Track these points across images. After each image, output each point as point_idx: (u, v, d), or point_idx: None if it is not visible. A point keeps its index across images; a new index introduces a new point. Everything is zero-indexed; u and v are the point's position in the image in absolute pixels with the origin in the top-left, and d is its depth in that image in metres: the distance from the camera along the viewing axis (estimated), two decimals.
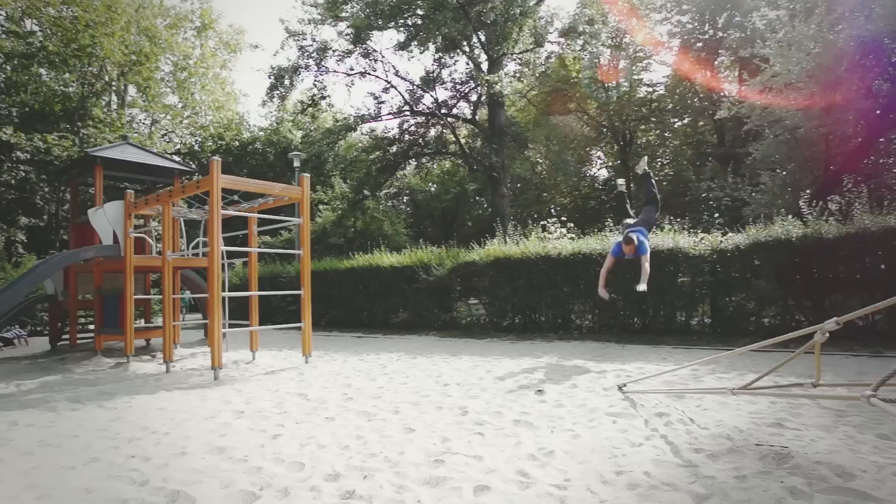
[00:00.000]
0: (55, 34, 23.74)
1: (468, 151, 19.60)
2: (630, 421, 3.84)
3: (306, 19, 18.95)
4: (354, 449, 3.31)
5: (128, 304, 7.72)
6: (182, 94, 29.55)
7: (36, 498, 2.63)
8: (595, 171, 26.82)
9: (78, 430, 3.94)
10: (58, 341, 10.66)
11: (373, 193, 20.11)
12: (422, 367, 6.52)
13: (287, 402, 4.68)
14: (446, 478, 2.85)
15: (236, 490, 2.71)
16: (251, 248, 7.31)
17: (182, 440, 3.59)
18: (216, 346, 5.94)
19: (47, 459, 3.24)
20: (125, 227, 7.82)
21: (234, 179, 6.22)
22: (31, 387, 6.08)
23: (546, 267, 9.12)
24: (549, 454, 3.18)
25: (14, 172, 22.26)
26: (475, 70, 18.30)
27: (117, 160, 8.96)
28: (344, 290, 11.93)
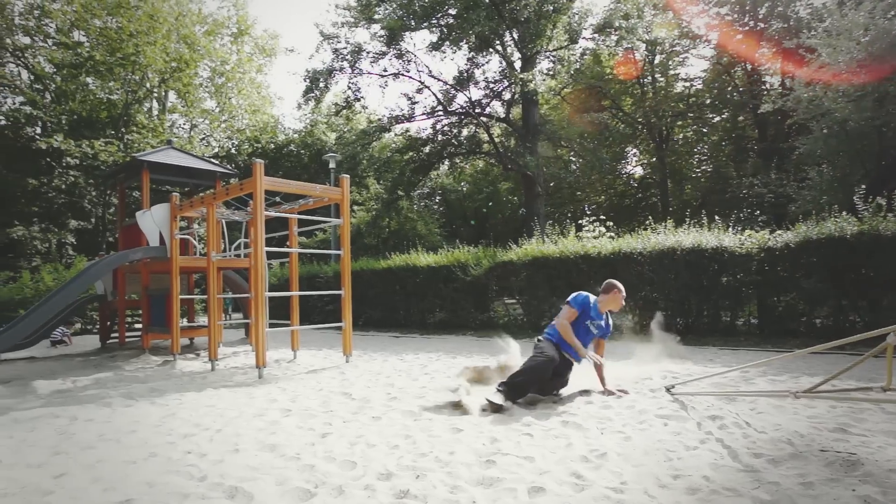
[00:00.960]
0: (101, 44, 24.63)
1: (502, 150, 19.51)
2: (682, 423, 3.75)
3: (340, 22, 19.18)
4: (404, 448, 3.32)
5: (174, 303, 7.94)
6: (219, 98, 30.32)
7: (103, 490, 2.72)
8: (631, 168, 26.38)
9: (134, 426, 4.06)
10: (107, 339, 11.06)
11: (407, 194, 20.21)
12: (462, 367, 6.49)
13: (332, 401, 4.73)
14: (499, 478, 2.82)
15: (292, 487, 2.74)
16: (293, 248, 7.41)
17: (234, 437, 3.66)
18: (261, 345, 6.05)
19: (109, 454, 3.34)
20: (171, 228, 8.05)
21: (276, 181, 6.33)
22: (85, 383, 6.31)
23: (586, 266, 9.01)
24: (601, 456, 3.12)
25: (64, 178, 23.18)
26: (508, 68, 18.20)
27: (162, 164, 9.23)
28: (381, 290, 12.02)
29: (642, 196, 25.79)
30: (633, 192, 26.21)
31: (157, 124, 26.13)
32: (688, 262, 8.18)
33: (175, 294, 7.85)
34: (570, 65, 17.20)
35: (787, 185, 13.17)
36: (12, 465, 3.17)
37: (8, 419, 4.43)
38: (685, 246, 8.23)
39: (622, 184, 25.98)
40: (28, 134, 23.98)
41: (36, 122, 24.46)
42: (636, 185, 26.34)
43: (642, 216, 24.15)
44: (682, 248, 8.25)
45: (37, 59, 26.20)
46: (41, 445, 3.59)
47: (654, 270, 8.52)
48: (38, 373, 7.34)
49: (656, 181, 23.43)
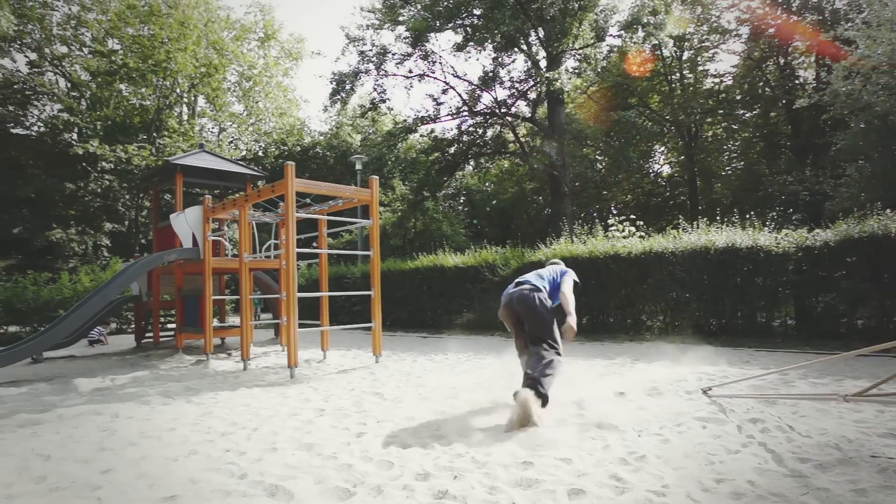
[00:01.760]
0: (134, 51, 25.28)
1: (527, 150, 19.41)
2: (721, 426, 3.66)
3: (365, 24, 19.33)
4: (440, 449, 3.31)
5: (207, 304, 8.08)
6: (247, 102, 30.84)
7: (148, 487, 2.78)
8: (658, 167, 25.96)
9: (173, 424, 4.14)
10: (142, 339, 11.33)
11: (432, 194, 20.25)
12: (493, 368, 6.48)
13: (365, 401, 4.75)
14: (538, 480, 2.80)
15: (331, 486, 2.75)
16: (322, 249, 7.49)
17: (271, 436, 3.70)
18: (292, 345, 6.12)
19: (151, 451, 3.42)
20: (204, 230, 8.20)
21: (307, 183, 6.40)
22: (123, 381, 6.47)
23: (615, 266, 8.89)
24: (640, 459, 3.07)
25: (100, 181, 23.85)
26: (533, 67, 18.08)
27: (195, 167, 9.41)
28: (408, 291, 12.06)
29: (670, 195, 25.36)
30: (660, 190, 25.80)
31: (188, 128, 26.71)
32: (721, 262, 8.01)
33: (208, 295, 8.00)
34: (597, 63, 17.01)
35: (823, 182, 12.79)
36: (61, 460, 3.27)
37: (53, 416, 4.57)
38: (718, 245, 8.06)
39: (649, 182, 25.60)
40: (65, 140, 24.75)
41: (72, 129, 25.24)
42: (664, 183, 25.91)
43: (670, 215, 23.78)
44: (715, 247, 8.08)
45: (73, 68, 27.03)
46: (86, 441, 3.69)
47: (685, 270, 8.37)
48: (79, 371, 7.56)
49: (685, 179, 23.02)
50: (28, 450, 3.52)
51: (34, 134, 26.27)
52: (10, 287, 13.10)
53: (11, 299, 12.73)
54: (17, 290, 13.01)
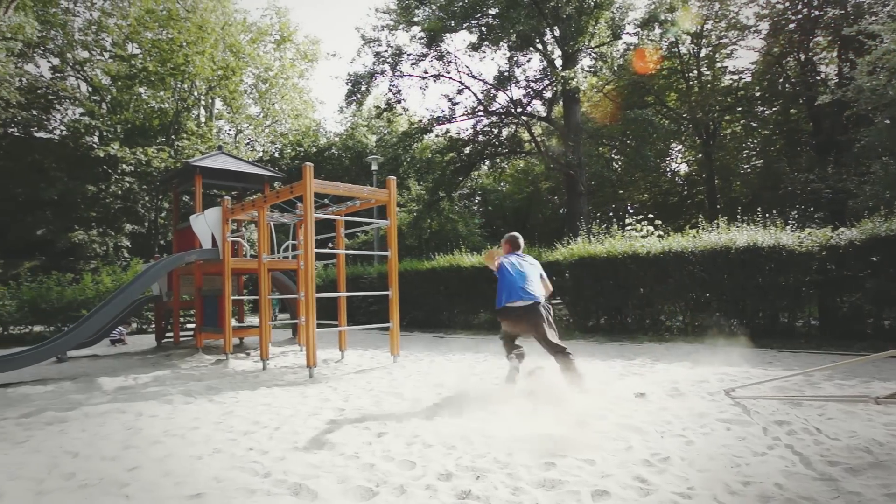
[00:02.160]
0: (153, 55, 25.66)
1: (543, 149, 19.31)
2: (746, 428, 3.61)
3: (380, 26, 19.37)
4: (461, 449, 3.31)
5: (226, 304, 8.16)
6: (263, 104, 31.12)
7: (174, 484, 2.81)
8: (676, 165, 25.68)
9: (196, 423, 4.19)
10: (162, 339, 11.48)
11: (448, 194, 20.24)
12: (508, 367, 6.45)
13: (384, 401, 4.77)
14: (561, 481, 2.79)
15: (354, 486, 2.76)
16: (340, 250, 7.52)
17: (292, 435, 3.73)
18: (311, 345, 6.16)
19: (176, 449, 3.46)
20: (223, 231, 8.28)
21: (325, 184, 6.43)
22: (146, 380, 6.56)
23: (634, 266, 8.81)
24: (664, 460, 3.04)
25: (120, 184, 24.23)
26: (549, 66, 18.00)
27: (214, 169, 9.51)
28: (424, 291, 12.06)
29: (688, 193, 25.07)
30: (678, 189, 25.52)
31: (206, 131, 27.04)
32: (743, 262, 7.90)
33: (227, 295, 8.08)
34: (613, 61, 16.87)
35: (846, 180, 12.54)
36: (89, 457, 3.32)
37: (79, 413, 4.65)
38: (739, 245, 7.95)
39: (667, 181, 25.32)
40: (87, 143, 25.20)
41: (94, 132, 25.69)
42: (681, 182, 25.63)
43: (688, 214, 23.50)
44: (736, 246, 7.97)
45: (94, 72, 27.53)
46: (112, 439, 3.75)
47: (705, 270, 8.26)
48: (102, 370, 7.68)
49: (702, 178, 22.74)
50: (56, 447, 3.59)
51: (57, 137, 26.79)
52: (35, 287, 13.36)
53: (36, 299, 12.98)
54: (41, 290, 13.26)
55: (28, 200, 24.92)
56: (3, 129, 24.11)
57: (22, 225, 25.51)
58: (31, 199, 24.73)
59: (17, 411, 4.87)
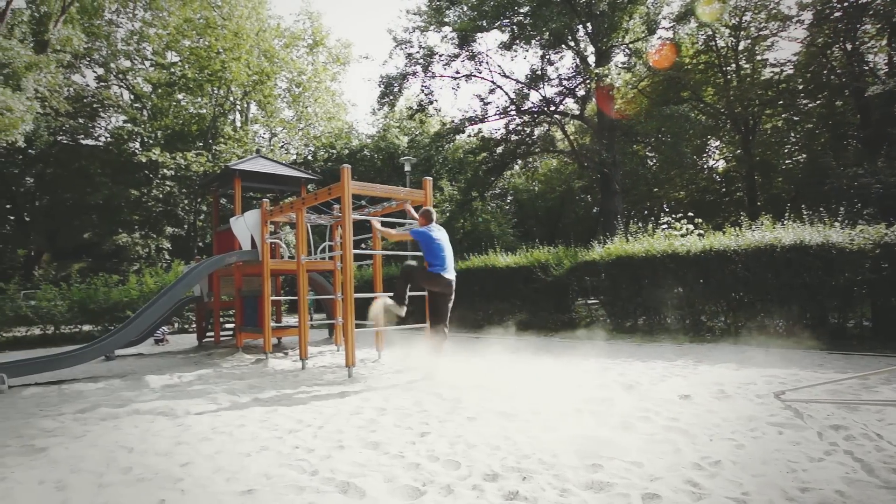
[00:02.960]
0: (192, 63, 26.42)
1: (576, 148, 19.10)
2: (800, 433, 3.49)
3: (411, 27, 19.48)
4: (506, 449, 3.29)
5: (265, 304, 8.32)
6: (297, 108, 31.66)
7: (226, 480, 2.88)
8: (713, 162, 25.05)
9: (241, 420, 4.27)
10: (203, 338, 11.79)
11: (480, 194, 20.20)
12: (549, 369, 6.40)
13: (424, 401, 4.78)
14: (609, 483, 2.75)
15: (401, 485, 2.78)
16: (377, 250, 7.58)
17: (336, 434, 3.77)
18: (350, 345, 6.22)
19: (225, 446, 3.54)
20: (262, 233, 8.45)
21: (363, 185, 6.49)
22: (190, 379, 6.74)
23: (674, 265, 8.62)
24: (715, 464, 2.97)
25: (161, 188, 25.00)
26: (582, 64, 17.79)
27: (253, 172, 9.72)
28: (459, 291, 11.98)
29: (726, 191, 24.43)
30: (715, 186, 24.90)
31: (242, 135, 27.67)
32: (789, 261, 7.63)
33: (266, 295, 8.24)
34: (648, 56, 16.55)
35: None
36: (143, 453, 3.43)
37: (130, 410, 4.80)
38: (785, 243, 7.68)
39: (704, 178, 24.72)
40: (129, 149, 26.12)
41: (136, 138, 26.61)
42: (719, 179, 24.99)
43: (726, 212, 22.90)
44: (781, 245, 7.71)
45: (136, 80, 28.52)
46: (164, 436, 3.86)
47: (749, 269, 8.02)
48: (148, 368, 7.93)
49: (742, 174, 22.11)
50: (112, 442, 3.71)
51: (102, 144, 27.87)
52: (83, 288, 13.89)
53: (85, 300, 13.50)
54: (90, 291, 13.78)
55: (76, 205, 26.02)
56: (53, 137, 25.17)
57: (70, 228, 26.64)
58: (79, 204, 25.80)
59: (73, 407, 5.07)
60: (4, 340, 12.87)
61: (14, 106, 13.74)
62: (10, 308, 12.72)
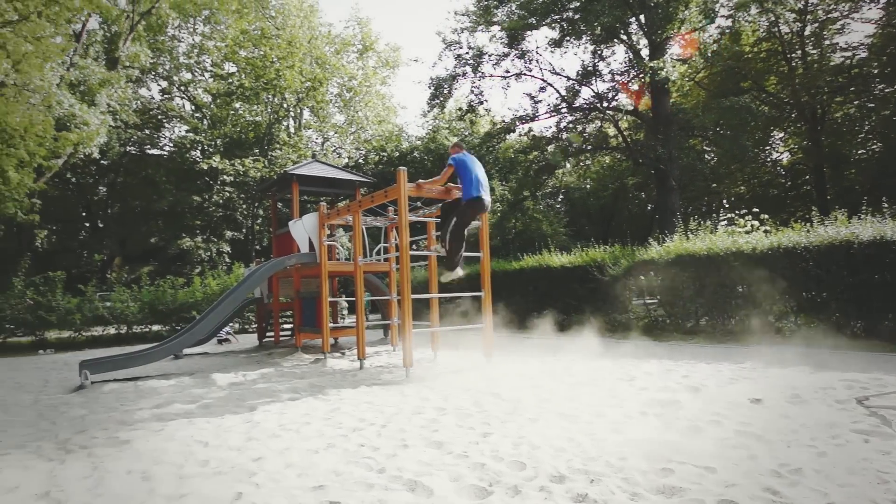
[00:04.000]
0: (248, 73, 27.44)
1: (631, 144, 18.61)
2: (889, 441, 3.27)
3: (459, 28, 19.51)
4: (571, 451, 3.24)
5: (323, 305, 8.53)
6: (348, 112, 32.31)
7: (297, 476, 2.96)
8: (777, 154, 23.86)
9: (306, 418, 4.39)
10: (263, 338, 12.19)
11: (532, 194, 20.01)
12: (608, 370, 6.26)
13: (483, 402, 4.76)
14: (681, 488, 2.65)
15: (467, 484, 2.78)
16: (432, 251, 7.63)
17: (399, 433, 3.81)
18: (408, 345, 6.29)
19: (293, 442, 3.65)
20: (320, 236, 8.66)
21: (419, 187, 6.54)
22: (254, 377, 6.98)
23: (738, 264, 8.26)
24: (795, 472, 2.82)
25: (221, 194, 26.07)
26: (635, 58, 17.33)
27: (310, 176, 9.98)
28: (513, 291, 11.99)
29: (792, 184, 23.22)
30: (780, 180, 23.70)
31: (297, 140, 28.50)
32: (867, 257, 7.17)
33: (324, 296, 8.44)
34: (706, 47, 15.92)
35: None
36: (218, 447, 3.58)
37: (202, 406, 5.03)
38: (863, 239, 7.23)
39: (767, 172, 23.58)
40: (191, 157, 27.40)
41: (197, 146, 27.87)
42: (784, 172, 23.79)
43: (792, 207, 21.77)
44: (859, 240, 7.25)
45: (197, 91, 29.87)
46: (235, 431, 4.01)
47: (822, 267, 7.59)
48: (213, 367, 8.27)
49: (809, 167, 20.97)
50: (188, 436, 3.89)
51: (166, 153, 29.38)
52: (152, 291, 14.64)
53: (154, 301, 14.23)
54: (158, 293, 14.51)
55: (143, 211, 27.51)
56: (123, 148, 26.71)
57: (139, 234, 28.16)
58: (146, 211, 27.27)
59: (149, 402, 5.35)
60: (84, 339, 13.74)
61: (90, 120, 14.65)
62: (89, 309, 13.55)
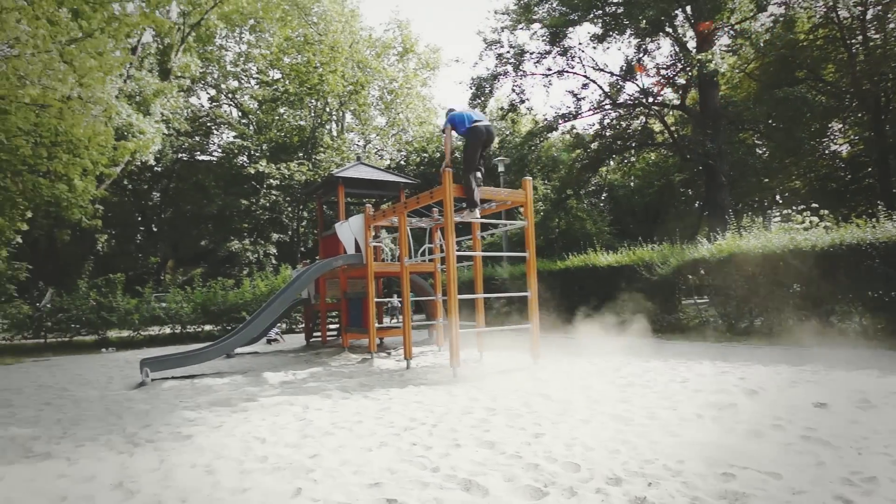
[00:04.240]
0: (292, 78, 28.13)
1: (677, 139, 18.10)
2: None
3: (500, 27, 19.42)
4: (626, 454, 3.18)
5: (370, 306, 8.64)
6: (389, 114, 32.67)
7: (353, 473, 3.02)
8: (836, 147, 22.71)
9: (358, 417, 4.46)
10: (310, 338, 12.45)
11: (576, 192, 19.73)
12: (660, 371, 6.11)
13: (533, 402, 4.73)
14: (745, 494, 2.57)
15: (522, 485, 2.77)
16: (478, 252, 7.64)
17: (450, 432, 3.82)
18: (455, 346, 6.30)
19: (347, 440, 3.71)
20: (366, 237, 8.79)
21: None
22: (304, 376, 7.13)
23: (796, 262, 7.91)
24: (869, 480, 2.68)
25: (267, 197, 26.79)
26: (681, 51, 16.85)
27: (355, 178, 10.14)
28: (558, 291, 11.84)
29: (853, 178, 22.07)
30: (839, 174, 22.56)
31: (340, 143, 29.02)
32: None
33: (371, 297, 8.55)
34: (758, 36, 15.27)
35: None
36: (275, 444, 3.68)
37: (257, 404, 5.18)
38: None
39: (825, 165, 22.48)
40: (239, 162, 28.27)
41: (244, 152, 28.73)
42: (843, 165, 22.63)
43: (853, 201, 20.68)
44: None
45: (243, 98, 30.81)
46: (290, 428, 4.12)
47: (889, 265, 7.19)
48: (264, 366, 8.50)
49: (872, 159, 19.86)
50: (246, 433, 4.02)
51: (215, 159, 30.41)
52: (204, 292, 15.18)
53: (206, 302, 14.75)
54: (209, 294, 15.04)
55: (194, 215, 28.56)
56: (175, 155, 27.81)
57: (190, 237, 29.27)
58: (197, 215, 28.30)
59: (206, 399, 5.56)
60: (142, 338, 14.38)
61: (146, 129, 15.32)
62: (146, 310, 14.18)
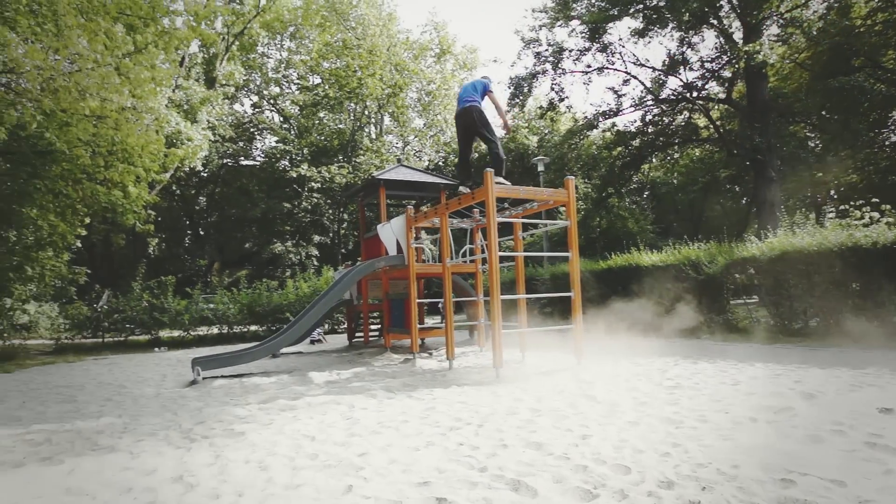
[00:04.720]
0: (331, 83, 28.65)
1: (723, 134, 17.53)
2: None
3: (537, 26, 19.26)
4: (677, 457, 3.11)
5: (412, 307, 8.70)
6: (427, 116, 32.87)
7: (401, 472, 3.06)
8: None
9: (403, 416, 4.51)
10: (353, 338, 12.65)
11: (617, 191, 19.38)
12: (709, 374, 5.95)
13: (578, 403, 4.68)
14: (806, 501, 2.47)
15: (571, 486, 2.74)
16: (519, 252, 7.60)
17: (497, 433, 3.82)
18: (498, 347, 6.30)
19: (394, 439, 3.76)
20: (408, 238, 8.87)
21: (506, 189, 6.54)
22: (347, 376, 7.26)
23: (855, 260, 7.56)
24: None
25: (309, 200, 27.37)
26: (727, 43, 16.32)
27: (396, 180, 10.25)
28: (600, 292, 11.66)
29: None
30: None
31: (379, 146, 29.39)
32: None
33: (413, 298, 8.62)
34: (810, 25, 14.62)
35: None
36: (324, 442, 3.77)
37: (304, 403, 5.30)
38: None
39: (885, 157, 21.36)
40: (281, 166, 28.99)
41: (286, 156, 29.44)
42: None
43: None
44: None
45: (284, 104, 31.56)
46: (337, 427, 4.20)
47: None
48: (309, 366, 8.69)
49: None
50: (295, 431, 4.12)
51: (258, 163, 31.26)
52: (249, 293, 15.63)
53: (252, 303, 15.18)
54: (255, 295, 15.47)
55: (239, 219, 29.45)
56: (220, 160, 28.74)
57: (235, 240, 30.19)
58: (241, 218, 29.17)
59: (256, 398, 5.72)
60: (192, 338, 14.91)
61: (194, 136, 15.90)
62: (195, 310, 14.70)
